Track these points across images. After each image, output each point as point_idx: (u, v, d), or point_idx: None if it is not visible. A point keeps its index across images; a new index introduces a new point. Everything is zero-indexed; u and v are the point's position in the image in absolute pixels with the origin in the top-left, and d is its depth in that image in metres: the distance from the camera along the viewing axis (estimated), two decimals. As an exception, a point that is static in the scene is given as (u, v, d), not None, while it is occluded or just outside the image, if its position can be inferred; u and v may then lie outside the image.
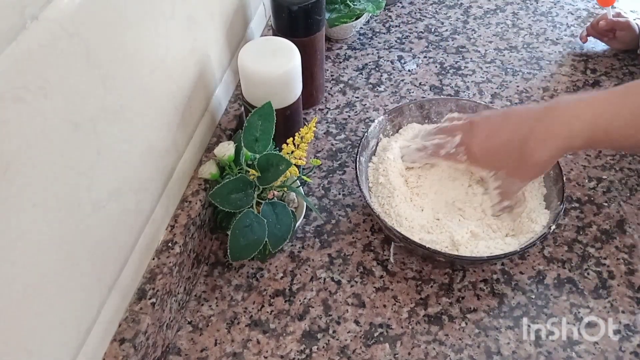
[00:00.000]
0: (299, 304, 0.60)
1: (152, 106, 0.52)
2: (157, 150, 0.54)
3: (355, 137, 0.78)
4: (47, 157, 0.37)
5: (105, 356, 0.48)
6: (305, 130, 0.60)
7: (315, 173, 0.73)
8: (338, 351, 0.57)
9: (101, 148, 0.44)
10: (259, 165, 0.58)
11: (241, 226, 0.57)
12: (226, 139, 0.68)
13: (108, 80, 0.43)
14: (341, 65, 0.89)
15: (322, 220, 0.68)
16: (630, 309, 0.60)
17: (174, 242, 0.56)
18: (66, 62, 0.38)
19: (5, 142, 0.33)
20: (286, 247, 0.65)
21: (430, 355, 0.56)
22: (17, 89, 0.33)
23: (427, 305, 0.60)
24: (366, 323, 0.59)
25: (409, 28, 0.96)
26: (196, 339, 0.58)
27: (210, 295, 0.61)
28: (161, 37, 0.52)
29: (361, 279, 0.62)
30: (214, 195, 0.56)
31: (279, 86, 0.63)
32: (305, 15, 0.69)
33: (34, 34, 0.34)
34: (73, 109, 0.39)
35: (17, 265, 0.36)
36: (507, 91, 0.85)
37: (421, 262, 0.64)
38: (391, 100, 0.83)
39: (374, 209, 0.60)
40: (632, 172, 0.73)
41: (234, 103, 0.73)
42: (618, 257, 0.64)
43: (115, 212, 0.47)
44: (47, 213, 0.38)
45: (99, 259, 0.46)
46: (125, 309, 0.51)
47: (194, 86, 0.61)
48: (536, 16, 0.99)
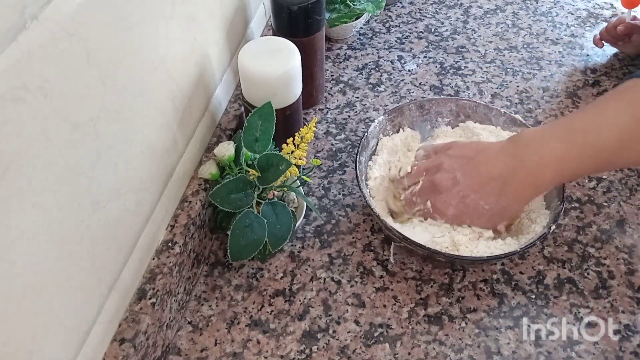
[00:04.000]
0: (299, 304, 0.60)
1: (152, 106, 0.52)
2: (157, 150, 0.54)
3: (355, 137, 0.78)
4: (47, 157, 0.37)
5: (105, 356, 0.48)
6: (305, 130, 0.60)
7: (315, 173, 0.73)
8: (338, 351, 0.57)
9: (101, 148, 0.44)
10: (259, 165, 0.58)
11: (241, 226, 0.57)
12: (226, 139, 0.68)
13: (108, 80, 0.43)
14: (341, 65, 0.89)
15: (322, 220, 0.68)
16: (630, 309, 0.60)
17: (174, 242, 0.56)
18: (66, 62, 0.38)
19: (5, 142, 0.33)
20: (286, 247, 0.65)
21: (430, 355, 0.56)
22: (17, 89, 0.33)
23: (427, 305, 0.60)
24: (366, 323, 0.59)
25: (409, 28, 0.96)
26: (196, 339, 0.58)
27: (210, 295, 0.61)
28: (161, 37, 0.52)
29: (361, 279, 0.62)
30: (214, 195, 0.56)
31: (279, 86, 0.63)
32: (305, 15, 0.69)
33: (34, 34, 0.34)
34: (73, 109, 0.39)
35: (17, 265, 0.36)
36: (507, 91, 0.85)
37: (421, 262, 0.64)
38: (391, 100, 0.83)
39: (373, 209, 0.60)
40: (632, 172, 0.73)
41: (234, 103, 0.73)
42: (618, 257, 0.64)
43: (115, 212, 0.47)
44: (47, 213, 0.38)
45: (99, 259, 0.46)
46: (125, 309, 0.51)
47: (194, 86, 0.61)
48: (536, 16, 0.99)
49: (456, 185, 0.58)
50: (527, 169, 0.55)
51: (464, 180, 0.57)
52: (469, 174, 0.57)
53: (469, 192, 0.57)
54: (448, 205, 0.58)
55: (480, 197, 0.57)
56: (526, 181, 0.55)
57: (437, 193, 0.59)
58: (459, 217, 0.59)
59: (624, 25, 0.85)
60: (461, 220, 0.59)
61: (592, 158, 0.53)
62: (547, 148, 0.54)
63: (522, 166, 0.55)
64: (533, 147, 0.55)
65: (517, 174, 0.55)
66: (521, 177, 0.55)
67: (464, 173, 0.58)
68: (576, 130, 0.54)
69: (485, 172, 0.57)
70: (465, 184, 0.57)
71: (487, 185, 0.56)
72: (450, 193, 0.58)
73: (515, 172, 0.55)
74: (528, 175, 0.55)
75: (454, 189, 0.58)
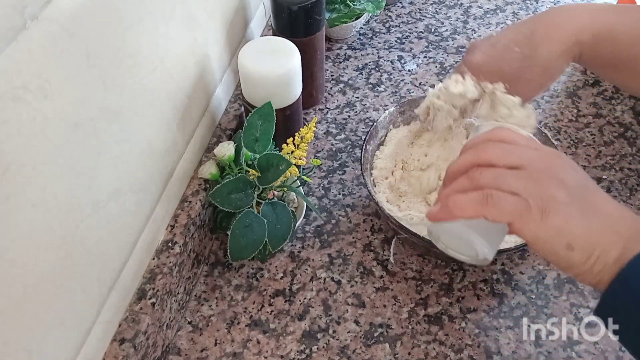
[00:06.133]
0: (299, 304, 0.60)
1: (152, 106, 0.52)
2: (157, 150, 0.54)
3: (355, 137, 0.78)
4: (47, 157, 0.37)
5: (105, 356, 0.48)
6: (305, 130, 0.60)
7: (315, 173, 0.73)
8: (338, 351, 0.57)
9: (101, 148, 0.44)
10: (259, 165, 0.58)
11: (241, 226, 0.57)
12: (226, 139, 0.68)
13: (108, 80, 0.43)
14: (341, 65, 0.89)
15: (322, 220, 0.68)
16: (630, 309, 0.60)
17: (174, 242, 0.56)
18: (66, 62, 0.38)
19: (5, 142, 0.33)
20: (286, 247, 0.65)
21: (430, 355, 0.56)
22: (17, 89, 0.33)
23: (427, 305, 0.60)
24: (366, 323, 0.59)
25: (409, 28, 0.96)
26: (196, 339, 0.58)
27: (210, 295, 0.61)
28: (161, 37, 0.52)
29: (361, 279, 0.62)
30: (214, 195, 0.56)
31: (279, 86, 0.63)
32: (305, 15, 0.69)
33: (34, 34, 0.34)
34: (73, 109, 0.39)
35: (17, 265, 0.36)
36: (507, 91, 0.85)
37: (421, 262, 0.64)
38: (391, 100, 0.83)
39: (374, 196, 0.60)
40: (632, 172, 0.73)
41: (234, 103, 0.73)
42: (618, 257, 0.64)
43: (115, 212, 0.48)
44: (47, 213, 0.38)
45: (99, 259, 0.46)
46: (125, 309, 0.51)
47: (194, 86, 0.61)
48: (536, 16, 0.99)
49: (489, 37, 0.58)
50: (561, 9, 0.55)
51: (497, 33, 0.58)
52: (503, 30, 0.59)
53: (501, 36, 0.57)
54: (476, 50, 0.58)
55: (511, 38, 0.56)
56: (553, 22, 0.55)
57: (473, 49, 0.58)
58: (490, 63, 0.57)
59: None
60: (492, 68, 0.56)
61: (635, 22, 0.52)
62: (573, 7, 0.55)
63: (547, 14, 0.56)
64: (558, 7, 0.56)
65: (543, 19, 0.55)
66: (548, 20, 0.55)
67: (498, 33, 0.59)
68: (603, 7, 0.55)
69: (518, 23, 0.58)
70: (498, 34, 0.58)
71: (516, 27, 0.57)
72: (486, 42, 0.58)
73: (541, 17, 0.56)
74: (554, 18, 0.55)
75: (488, 39, 0.58)
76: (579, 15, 0.54)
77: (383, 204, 0.62)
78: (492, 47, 0.57)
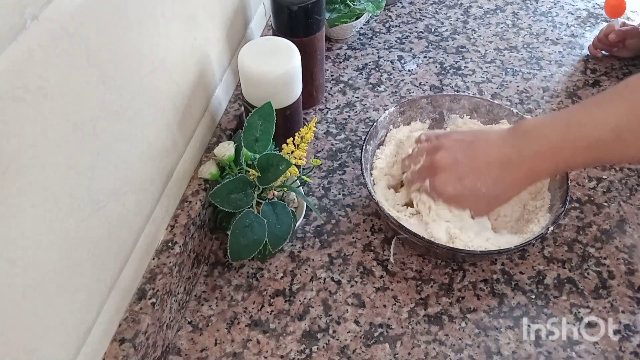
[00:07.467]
0: (299, 304, 0.60)
1: (152, 106, 0.52)
2: (157, 150, 0.54)
3: (355, 137, 0.78)
4: (47, 157, 0.37)
5: (105, 356, 0.48)
6: (305, 130, 0.60)
7: (315, 173, 0.73)
8: (338, 351, 0.57)
9: (101, 148, 0.44)
10: (259, 165, 0.58)
11: (241, 226, 0.57)
12: (226, 139, 0.68)
13: (108, 80, 0.43)
14: (341, 65, 0.89)
15: (322, 220, 0.68)
16: (630, 309, 0.60)
17: (174, 242, 0.56)
18: (66, 62, 0.38)
19: (5, 142, 0.33)
20: (286, 247, 0.65)
21: (430, 355, 0.56)
22: (17, 89, 0.33)
23: (427, 305, 0.60)
24: (366, 323, 0.59)
25: (409, 28, 0.96)
26: (196, 339, 0.58)
27: (210, 295, 0.61)
28: (161, 37, 0.52)
29: (361, 279, 0.62)
30: (214, 195, 0.56)
31: (279, 86, 0.63)
32: (305, 15, 0.69)
33: (34, 34, 0.34)
34: (73, 109, 0.39)
35: (17, 265, 0.36)
36: (507, 91, 0.85)
37: (421, 262, 0.64)
38: (391, 100, 0.83)
39: (374, 196, 0.60)
40: (632, 172, 0.73)
41: (234, 103, 0.73)
42: (618, 257, 0.64)
43: (115, 212, 0.47)
44: (47, 213, 0.38)
45: (99, 259, 0.46)
46: (125, 309, 0.51)
47: (194, 86, 0.61)
48: (536, 16, 0.99)
49: (455, 165, 0.58)
50: (523, 157, 0.56)
51: (463, 161, 0.58)
52: (469, 156, 0.58)
53: (468, 173, 0.58)
54: (446, 184, 0.58)
55: (477, 178, 0.57)
56: (522, 168, 0.56)
57: (436, 172, 0.59)
58: (456, 198, 0.59)
59: (615, 34, 0.86)
60: (458, 202, 0.59)
61: (587, 150, 0.53)
62: (544, 138, 0.55)
63: (518, 154, 0.56)
64: (530, 137, 0.56)
65: (514, 161, 0.56)
66: (517, 165, 0.56)
67: (464, 154, 0.59)
68: (572, 122, 0.55)
69: (484, 155, 0.58)
70: (464, 165, 0.58)
71: (485, 168, 0.57)
72: (449, 172, 0.58)
73: (511, 159, 0.56)
74: (524, 162, 0.56)
75: (453, 168, 0.58)
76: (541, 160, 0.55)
77: (383, 204, 0.62)
78: (459, 183, 0.58)
